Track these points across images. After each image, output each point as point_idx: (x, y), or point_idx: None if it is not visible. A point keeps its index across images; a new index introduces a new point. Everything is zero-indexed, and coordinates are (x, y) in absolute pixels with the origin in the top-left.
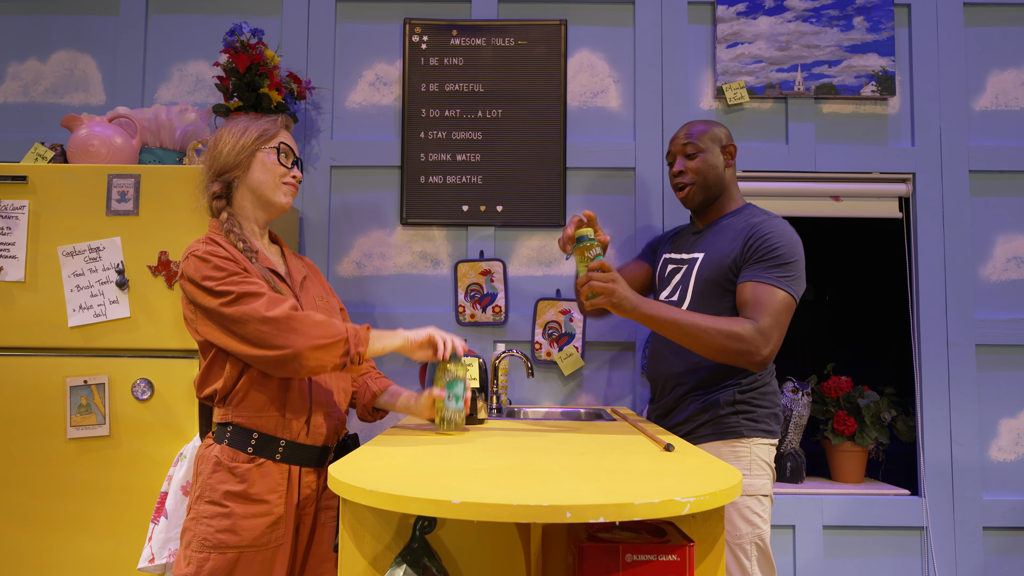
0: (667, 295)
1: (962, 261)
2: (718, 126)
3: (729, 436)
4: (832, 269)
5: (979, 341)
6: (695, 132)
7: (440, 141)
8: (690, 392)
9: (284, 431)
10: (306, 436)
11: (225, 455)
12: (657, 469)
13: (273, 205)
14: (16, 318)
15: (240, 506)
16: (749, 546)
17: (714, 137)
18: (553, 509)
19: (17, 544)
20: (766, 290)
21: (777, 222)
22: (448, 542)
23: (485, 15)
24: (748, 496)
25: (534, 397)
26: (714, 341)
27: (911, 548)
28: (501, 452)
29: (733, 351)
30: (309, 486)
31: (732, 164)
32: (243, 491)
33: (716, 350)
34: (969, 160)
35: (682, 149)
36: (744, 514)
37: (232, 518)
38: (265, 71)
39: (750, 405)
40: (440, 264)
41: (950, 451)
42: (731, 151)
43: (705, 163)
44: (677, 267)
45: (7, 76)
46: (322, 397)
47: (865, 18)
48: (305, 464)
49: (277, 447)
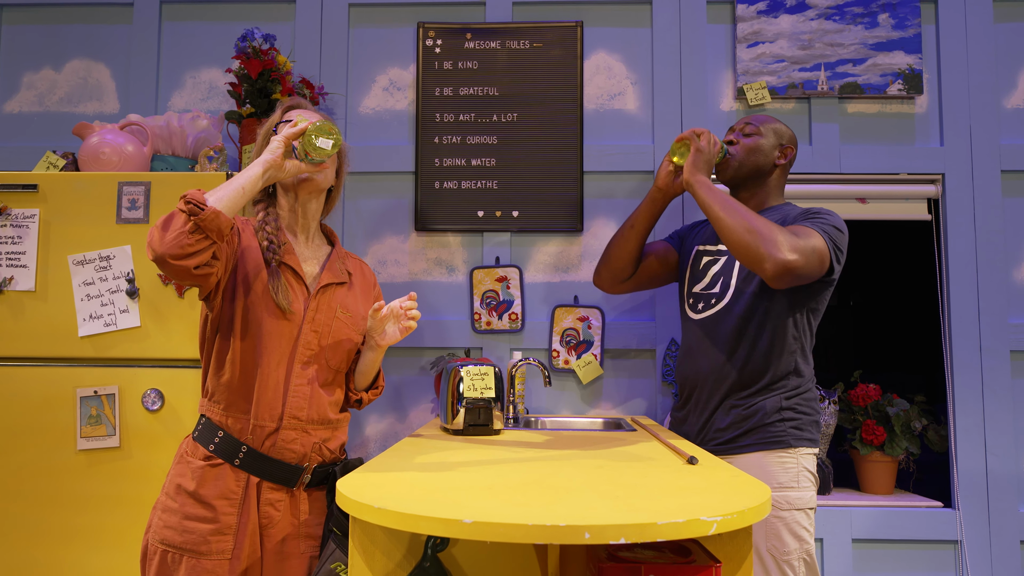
0: (704, 287)
1: (995, 264)
2: (786, 126)
3: (776, 446)
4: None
5: (1014, 347)
6: (761, 118)
7: (455, 146)
8: (730, 394)
9: (248, 437)
10: (272, 448)
11: (189, 449)
12: (680, 484)
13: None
14: (26, 328)
15: (189, 505)
16: (797, 562)
17: (777, 131)
18: (571, 530)
19: (28, 557)
20: (805, 228)
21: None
22: (462, 560)
23: (499, 18)
24: (797, 510)
25: (551, 406)
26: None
27: (945, 563)
28: (516, 465)
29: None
30: (274, 505)
31: (783, 164)
32: (193, 490)
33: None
34: (1001, 159)
35: (742, 127)
36: (793, 529)
37: (178, 515)
38: (277, 77)
39: (795, 412)
40: (455, 271)
41: (985, 461)
42: (787, 152)
43: (756, 144)
44: (714, 259)
45: (22, 86)
46: (300, 411)
47: (890, 15)
48: (272, 480)
49: (238, 452)
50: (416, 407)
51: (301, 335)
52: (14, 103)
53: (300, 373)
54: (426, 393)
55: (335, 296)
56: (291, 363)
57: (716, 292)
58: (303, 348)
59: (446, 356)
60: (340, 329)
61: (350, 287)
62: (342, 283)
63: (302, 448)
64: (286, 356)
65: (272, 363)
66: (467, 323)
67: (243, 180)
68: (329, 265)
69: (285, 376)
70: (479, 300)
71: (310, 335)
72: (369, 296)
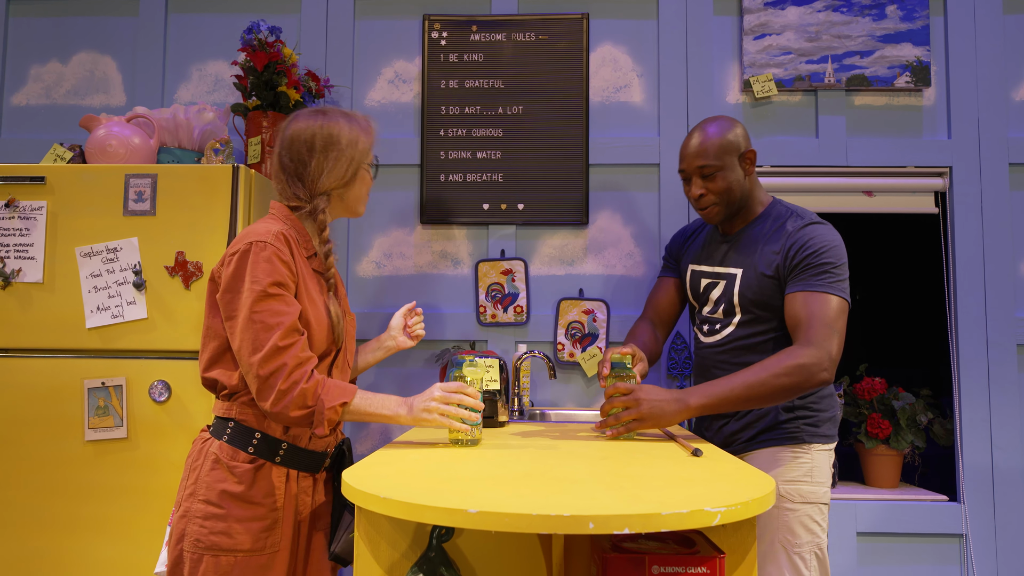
0: (709, 311)
1: (1002, 257)
2: (731, 128)
3: (789, 442)
4: (864, 266)
5: (1021, 341)
6: (709, 149)
7: (460, 139)
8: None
9: (288, 434)
10: (308, 441)
11: (224, 453)
12: (685, 476)
13: (355, 215)
14: (34, 319)
15: (237, 508)
16: (808, 555)
17: (729, 148)
18: (575, 519)
19: (34, 546)
20: (818, 299)
21: (817, 228)
22: (466, 550)
23: (505, 10)
24: (809, 504)
25: (556, 399)
26: (781, 386)
27: (950, 556)
28: (521, 456)
29: (805, 384)
30: (305, 491)
31: (753, 171)
32: (241, 492)
33: (788, 392)
34: (1009, 152)
35: (698, 171)
36: (805, 522)
37: (228, 520)
38: (283, 69)
39: (810, 410)
40: (460, 263)
41: (991, 455)
42: (750, 157)
43: (726, 181)
44: (713, 282)
45: (29, 78)
46: None
47: (898, 6)
48: (304, 469)
49: (279, 449)
50: None
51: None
52: (21, 95)
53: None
54: (431, 385)
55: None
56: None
57: (720, 318)
58: (341, 359)
59: (451, 348)
60: (350, 333)
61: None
62: None
63: (331, 436)
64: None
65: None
66: (472, 316)
67: (386, 413)
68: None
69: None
70: (484, 293)
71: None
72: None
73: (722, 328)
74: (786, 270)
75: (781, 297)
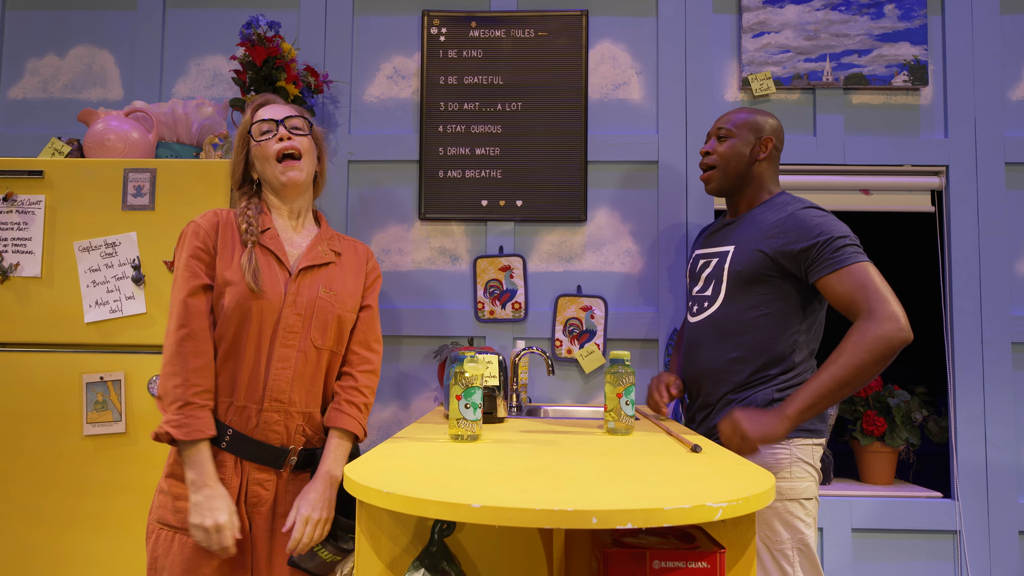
0: (699, 289)
1: (997, 256)
2: (764, 116)
3: None
4: None
5: (1015, 339)
6: (735, 118)
7: (459, 135)
8: (728, 391)
9: (233, 420)
10: (255, 431)
11: None
12: (685, 472)
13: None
14: (32, 314)
15: (177, 486)
16: (791, 552)
17: (751, 125)
18: (578, 514)
19: (33, 542)
20: (850, 273)
21: (811, 210)
22: (468, 545)
23: (505, 6)
24: (789, 500)
25: (554, 395)
26: (867, 363)
27: (944, 552)
28: (522, 452)
29: (888, 351)
30: (262, 485)
31: (767, 157)
32: (183, 472)
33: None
34: (1005, 152)
35: (716, 131)
36: (785, 519)
37: (170, 496)
38: (282, 64)
39: None
40: (459, 260)
41: (984, 453)
42: (767, 143)
43: (733, 149)
44: (708, 261)
45: (26, 72)
46: (282, 394)
47: (896, 6)
48: (257, 461)
49: (224, 435)
50: (419, 396)
51: (282, 318)
52: (18, 89)
53: (281, 355)
54: (429, 382)
55: (318, 276)
56: (272, 346)
57: (708, 295)
58: (284, 331)
59: (449, 345)
60: (324, 308)
61: (339, 266)
62: (325, 264)
63: (285, 431)
64: (267, 339)
65: (252, 346)
66: (470, 312)
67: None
68: (310, 247)
69: (266, 359)
70: (482, 289)
71: (292, 318)
72: (360, 272)
73: (708, 307)
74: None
75: (769, 273)
